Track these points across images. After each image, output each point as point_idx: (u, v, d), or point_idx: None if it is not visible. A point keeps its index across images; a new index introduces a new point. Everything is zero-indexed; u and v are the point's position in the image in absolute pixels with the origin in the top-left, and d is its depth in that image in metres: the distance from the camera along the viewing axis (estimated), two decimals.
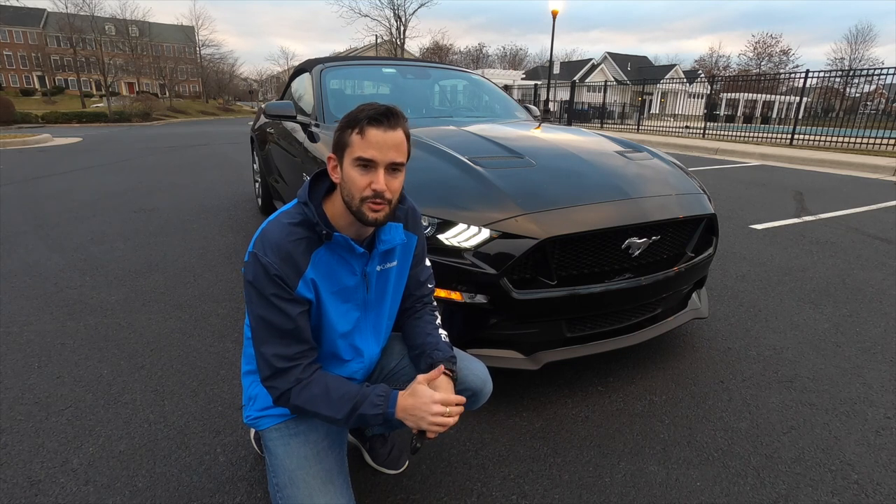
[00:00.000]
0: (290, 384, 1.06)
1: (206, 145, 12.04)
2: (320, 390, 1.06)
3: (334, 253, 1.10)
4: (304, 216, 1.07)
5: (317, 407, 1.06)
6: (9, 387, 1.93)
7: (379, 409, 1.04)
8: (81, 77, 51.70)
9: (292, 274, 1.04)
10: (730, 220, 4.71)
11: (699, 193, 2.12)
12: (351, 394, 1.06)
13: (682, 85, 19.45)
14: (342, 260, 1.11)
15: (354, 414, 1.05)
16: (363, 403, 1.05)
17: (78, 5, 42.00)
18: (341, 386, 1.08)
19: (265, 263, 1.02)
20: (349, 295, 1.15)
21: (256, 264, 1.03)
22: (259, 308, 1.05)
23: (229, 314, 2.59)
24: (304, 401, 1.06)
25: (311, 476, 1.11)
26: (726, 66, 58.25)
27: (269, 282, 1.03)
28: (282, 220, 1.07)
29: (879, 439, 1.70)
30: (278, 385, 1.07)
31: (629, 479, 1.51)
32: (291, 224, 1.06)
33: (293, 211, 1.09)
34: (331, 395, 1.05)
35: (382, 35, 35.50)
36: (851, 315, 2.67)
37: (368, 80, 3.90)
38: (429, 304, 1.35)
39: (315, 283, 1.08)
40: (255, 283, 1.04)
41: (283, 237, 1.04)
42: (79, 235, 4.04)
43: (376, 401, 1.05)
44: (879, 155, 9.41)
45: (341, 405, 1.05)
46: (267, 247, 1.03)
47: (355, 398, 1.05)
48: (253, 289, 1.05)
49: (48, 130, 16.87)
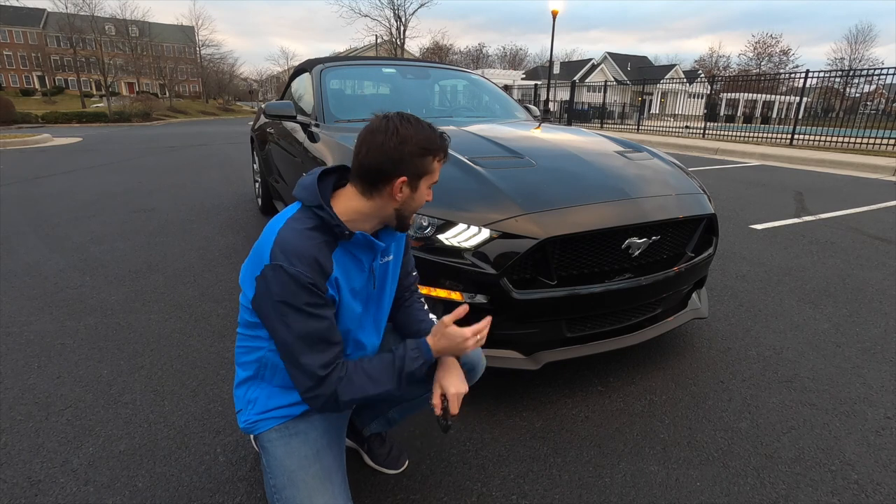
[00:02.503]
0: (333, 386, 1.07)
1: (206, 145, 12.04)
2: (362, 378, 1.09)
3: (347, 252, 1.12)
4: (320, 220, 1.07)
5: (366, 392, 1.09)
6: (9, 387, 1.93)
7: (419, 360, 1.11)
8: (81, 77, 51.71)
9: (321, 278, 1.04)
10: (730, 220, 4.71)
11: (699, 193, 2.12)
12: (387, 364, 1.11)
13: (682, 85, 19.44)
14: (354, 258, 1.13)
15: (402, 378, 1.11)
16: (404, 365, 1.11)
17: (78, 5, 42.03)
18: (376, 363, 1.12)
19: (295, 274, 1.00)
20: (359, 291, 1.18)
21: (285, 277, 1.00)
22: (294, 321, 1.03)
23: (229, 314, 2.59)
24: (352, 394, 1.08)
25: (310, 476, 1.12)
26: (726, 66, 58.31)
27: (302, 291, 1.01)
28: (296, 227, 1.05)
29: (879, 439, 1.70)
30: (323, 392, 1.07)
31: (629, 479, 1.51)
32: (308, 229, 1.05)
33: (302, 216, 1.08)
34: (373, 376, 1.10)
35: (382, 35, 35.53)
36: (851, 315, 2.67)
37: (368, 80, 3.90)
38: (415, 292, 1.41)
39: (338, 282, 1.10)
40: (285, 297, 1.01)
41: (305, 243, 1.03)
42: (79, 235, 4.04)
43: (413, 355, 1.11)
44: (879, 155, 9.41)
45: (387, 378, 1.10)
46: (292, 256, 1.01)
47: (394, 365, 1.11)
48: (284, 304, 1.02)
49: (48, 130, 16.87)
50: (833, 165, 8.76)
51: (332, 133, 2.60)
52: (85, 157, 9.42)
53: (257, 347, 1.16)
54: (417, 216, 1.70)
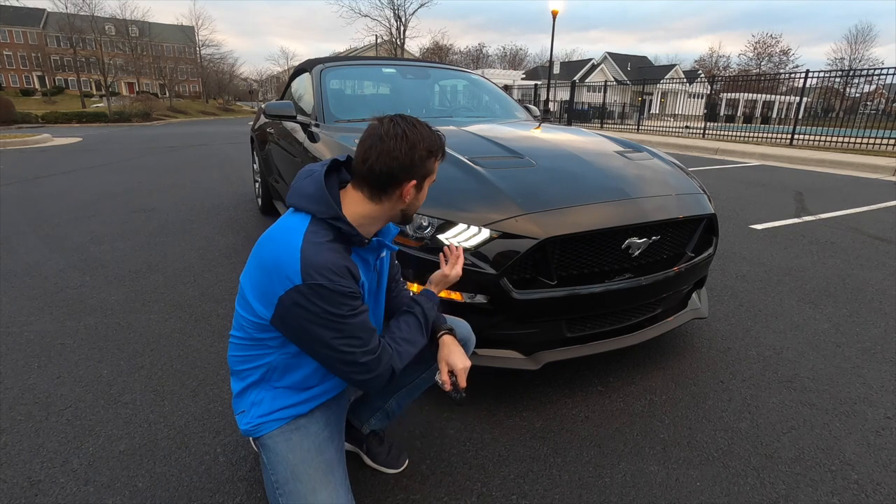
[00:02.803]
0: (389, 364, 1.14)
1: (206, 145, 12.04)
2: (405, 346, 1.20)
3: (357, 255, 1.14)
4: (337, 230, 1.08)
5: (411, 353, 1.22)
6: (9, 387, 1.93)
7: (435, 307, 1.32)
8: (81, 77, 51.70)
9: (355, 284, 1.07)
10: (730, 220, 4.71)
11: (699, 193, 2.12)
12: (415, 324, 1.26)
13: (682, 85, 19.44)
14: (362, 259, 1.16)
15: (428, 328, 1.29)
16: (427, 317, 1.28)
17: (78, 5, 42.02)
18: (406, 328, 1.24)
19: (338, 289, 1.02)
20: (367, 289, 1.21)
21: (328, 293, 1.01)
22: (341, 326, 1.05)
23: (229, 314, 2.59)
24: (403, 361, 1.19)
25: (312, 468, 1.13)
26: (726, 66, 58.30)
27: (346, 300, 1.04)
28: (317, 242, 1.04)
29: (879, 439, 1.70)
30: (381, 373, 1.13)
31: (629, 479, 1.51)
32: (330, 241, 1.06)
33: (318, 229, 1.07)
34: (411, 339, 1.23)
35: (382, 35, 35.52)
36: (851, 315, 2.67)
37: (368, 80, 3.90)
38: (400, 280, 1.46)
39: (364, 284, 1.15)
40: (330, 311, 1.02)
41: (334, 258, 1.04)
42: (79, 235, 4.04)
43: (429, 305, 1.30)
44: (879, 155, 9.41)
45: (420, 335, 1.25)
46: (328, 273, 1.01)
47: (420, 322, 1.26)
48: (329, 316, 1.03)
49: (48, 130, 16.87)
50: (833, 165, 8.76)
51: (332, 133, 2.60)
52: (85, 157, 9.42)
53: (265, 354, 1.16)
54: (417, 216, 1.70)
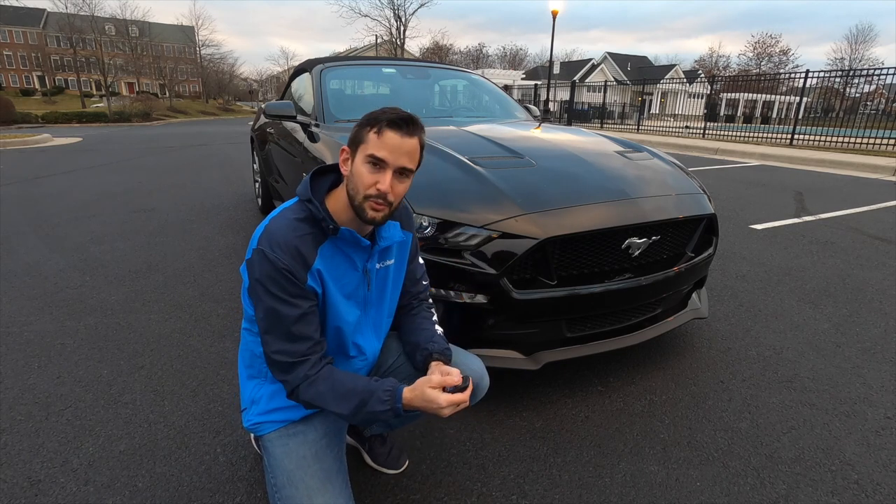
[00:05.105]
0: (298, 380, 1.07)
1: (206, 145, 12.04)
2: (326, 388, 1.07)
3: (338, 249, 1.12)
4: (309, 212, 1.09)
5: (325, 403, 1.07)
6: (9, 387, 1.93)
7: (386, 405, 1.04)
8: (81, 77, 51.69)
9: (300, 268, 1.05)
10: (730, 220, 4.71)
11: (699, 193, 2.12)
12: (357, 390, 1.06)
13: (681, 85, 19.43)
14: (345, 256, 1.13)
15: (362, 410, 1.05)
16: (368, 402, 1.05)
17: (78, 5, 42.04)
18: (348, 382, 1.08)
19: (273, 259, 1.03)
20: (352, 292, 1.17)
21: (264, 261, 1.03)
22: (267, 304, 1.05)
23: (229, 314, 2.59)
24: (311, 396, 1.07)
25: (309, 476, 1.12)
26: (726, 66, 58.30)
27: (278, 276, 1.03)
28: (286, 216, 1.08)
29: (879, 439, 1.70)
30: (289, 380, 1.08)
31: (629, 479, 1.51)
32: (297, 220, 1.08)
33: (296, 207, 1.11)
34: (337, 391, 1.06)
35: (382, 35, 35.53)
36: (851, 315, 2.67)
37: (368, 80, 3.90)
38: (425, 300, 1.37)
39: (321, 275, 1.09)
40: (262, 280, 1.04)
41: (289, 233, 1.05)
42: (79, 235, 4.04)
43: (383, 397, 1.05)
44: (879, 155, 9.41)
45: (347, 404, 1.06)
46: (273, 243, 1.04)
47: (362, 395, 1.05)
48: (260, 285, 1.05)
49: (48, 130, 16.86)
50: (833, 165, 8.76)
51: (332, 133, 2.60)
52: (85, 157, 9.42)
53: (255, 342, 1.17)
54: (417, 216, 1.70)
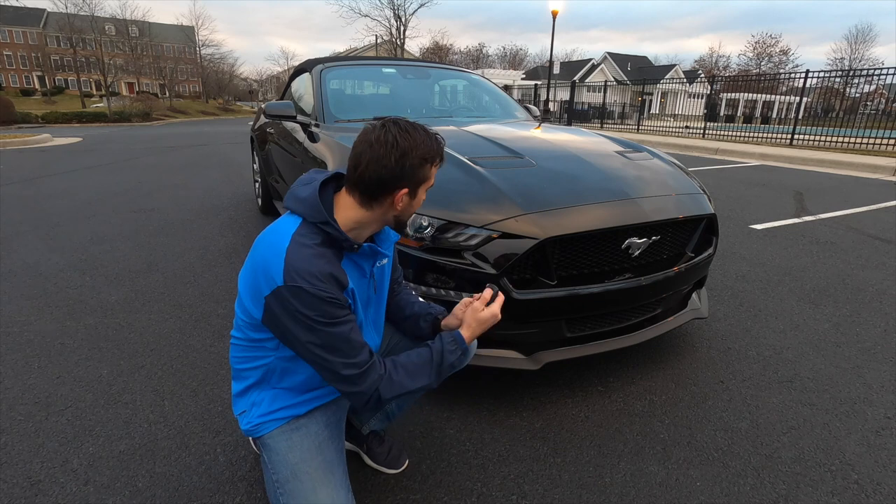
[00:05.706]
0: (375, 385, 1.09)
1: (206, 145, 12.04)
2: (402, 375, 1.13)
3: (351, 261, 1.13)
4: (326, 234, 1.07)
5: (406, 388, 1.13)
6: (9, 387, 1.93)
7: (457, 351, 1.17)
8: (81, 77, 51.71)
9: (340, 291, 1.05)
10: (730, 220, 4.71)
11: (699, 193, 2.12)
12: (426, 359, 1.16)
13: (681, 85, 19.46)
14: (357, 266, 1.15)
15: (442, 370, 1.17)
16: (443, 359, 1.16)
17: (78, 5, 42.07)
18: (415, 359, 1.16)
19: (316, 293, 1.00)
20: (363, 296, 1.19)
21: (307, 297, 1.00)
22: (323, 337, 1.03)
23: (229, 314, 2.59)
24: (393, 391, 1.11)
25: (312, 468, 1.13)
26: (726, 66, 58.30)
27: (326, 306, 1.01)
28: (304, 244, 1.04)
29: (879, 439, 1.70)
30: (364, 391, 1.09)
31: (629, 479, 1.51)
32: (317, 245, 1.05)
33: (307, 232, 1.06)
34: (412, 371, 1.14)
35: (382, 35, 35.54)
36: (851, 315, 2.67)
37: (368, 80, 3.90)
38: (402, 283, 1.45)
39: (354, 293, 1.13)
40: (309, 315, 1.01)
41: (320, 262, 1.03)
42: (79, 235, 4.04)
43: (451, 347, 1.17)
44: (879, 155, 9.41)
45: (426, 373, 1.15)
46: (309, 276, 1.00)
47: (433, 360, 1.16)
48: (309, 319, 1.01)
49: (48, 130, 16.86)
50: (833, 165, 8.76)
51: (332, 133, 2.60)
52: (85, 157, 9.42)
53: (263, 356, 1.16)
54: (417, 216, 1.70)
